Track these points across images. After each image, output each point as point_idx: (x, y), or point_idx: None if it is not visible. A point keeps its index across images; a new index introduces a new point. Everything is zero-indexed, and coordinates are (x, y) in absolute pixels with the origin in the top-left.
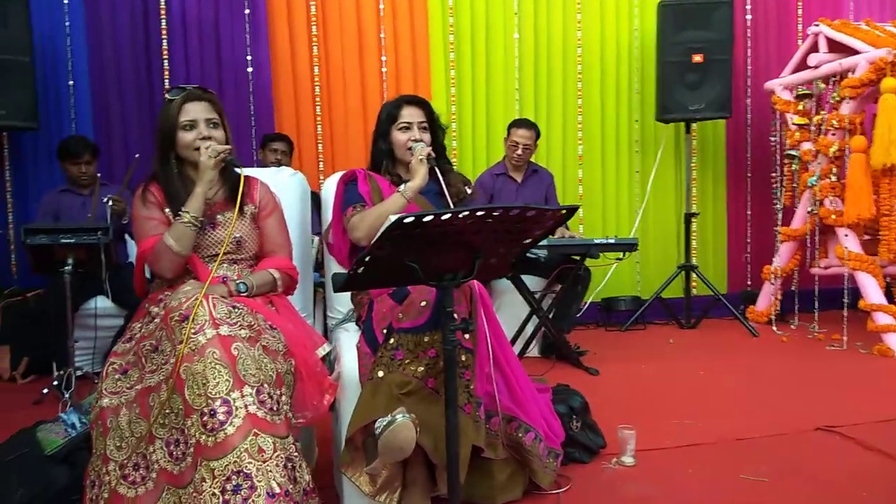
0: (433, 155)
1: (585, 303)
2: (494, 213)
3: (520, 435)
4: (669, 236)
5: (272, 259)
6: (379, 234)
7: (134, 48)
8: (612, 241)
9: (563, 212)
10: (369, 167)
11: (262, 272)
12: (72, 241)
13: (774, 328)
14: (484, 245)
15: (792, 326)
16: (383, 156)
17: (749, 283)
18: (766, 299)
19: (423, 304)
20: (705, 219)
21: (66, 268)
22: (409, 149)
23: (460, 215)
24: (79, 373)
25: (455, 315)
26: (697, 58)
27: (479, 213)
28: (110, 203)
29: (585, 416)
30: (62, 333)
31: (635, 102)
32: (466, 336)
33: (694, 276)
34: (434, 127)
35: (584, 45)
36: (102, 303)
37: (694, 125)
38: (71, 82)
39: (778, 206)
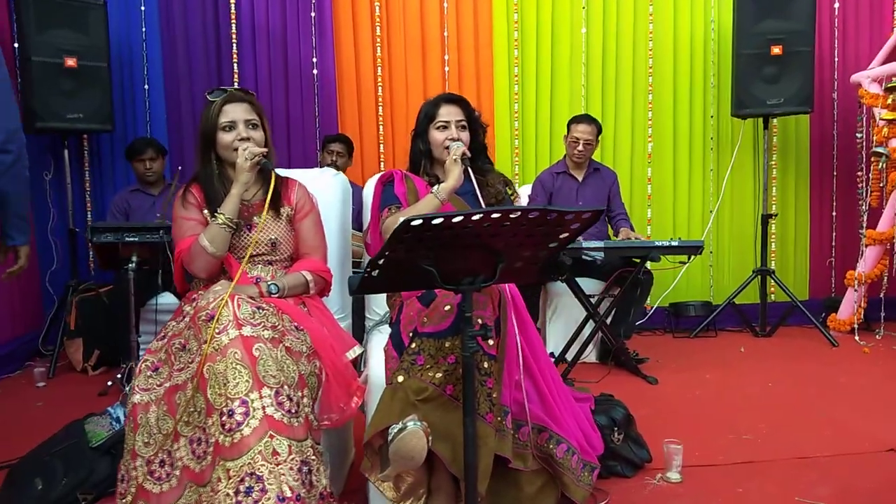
0: (468, 155)
1: (651, 307)
2: (511, 216)
3: (551, 446)
4: (745, 239)
5: (306, 261)
6: (389, 236)
7: (206, 53)
8: (675, 243)
9: (588, 214)
10: (408, 168)
11: (295, 274)
12: (135, 239)
13: (857, 338)
14: (505, 248)
15: (877, 337)
16: (421, 156)
17: (833, 289)
18: (849, 307)
19: (447, 308)
20: (785, 220)
21: (131, 265)
22: (447, 148)
23: (474, 217)
24: None
25: (479, 320)
26: (776, 49)
27: (494, 216)
28: None
29: (628, 429)
30: (126, 328)
31: (710, 97)
32: (490, 342)
33: (771, 281)
34: (474, 125)
35: (655, 38)
36: (166, 299)
37: (774, 121)
38: (146, 86)
39: (864, 207)
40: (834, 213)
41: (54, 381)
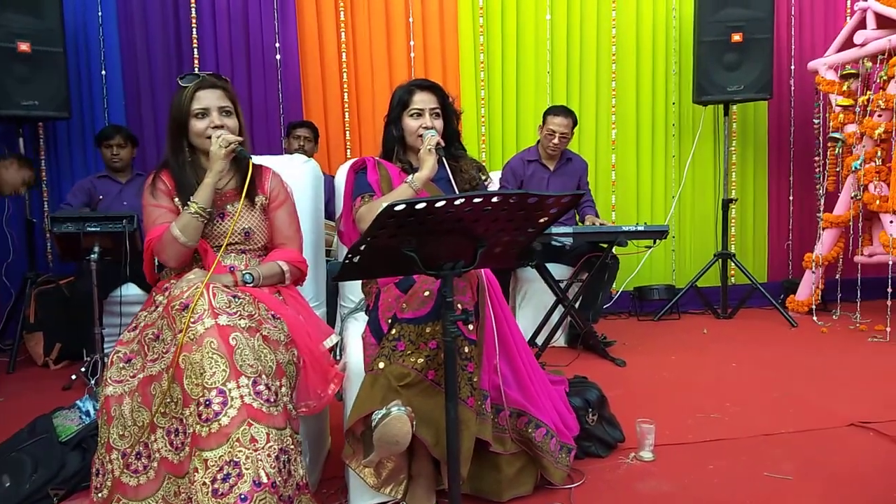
0: (442, 144)
1: (616, 292)
2: (493, 201)
3: (530, 430)
4: (707, 223)
5: (281, 251)
6: (371, 221)
7: (165, 37)
8: (641, 228)
9: (568, 198)
10: (381, 154)
11: (271, 263)
12: (97, 229)
13: (815, 319)
14: (486, 233)
15: (833, 317)
16: (394, 142)
17: (790, 272)
18: (808, 289)
19: (427, 294)
20: (745, 205)
21: (93, 255)
22: (420, 136)
23: (456, 202)
24: (107, 359)
25: (459, 305)
26: (737, 37)
27: (476, 201)
28: None
29: (602, 409)
30: (90, 320)
31: (672, 84)
32: (470, 327)
33: (732, 264)
34: (447, 112)
35: (618, 25)
36: (130, 290)
37: (733, 107)
38: (103, 72)
39: (821, 191)
40: (791, 198)
41: (14, 376)
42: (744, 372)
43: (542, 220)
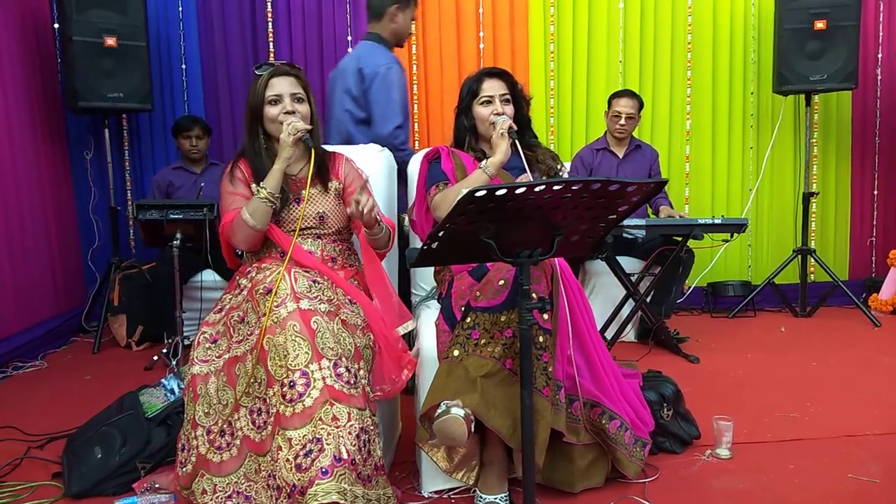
0: (514, 128)
1: (689, 287)
2: (573, 188)
3: (604, 422)
4: (786, 218)
5: None
6: (451, 208)
7: (241, 31)
8: (717, 221)
9: (650, 186)
10: (453, 144)
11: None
12: (180, 216)
13: None
14: (564, 221)
15: None
16: (466, 132)
17: (874, 269)
18: (892, 287)
19: (502, 282)
20: (826, 199)
21: (175, 242)
22: (492, 124)
23: (536, 189)
24: (186, 342)
25: (533, 294)
26: (820, 24)
27: (556, 188)
28: None
29: (678, 405)
30: (171, 304)
31: (750, 73)
32: (545, 316)
33: (812, 260)
34: (517, 98)
35: (694, 13)
36: (208, 276)
37: (816, 97)
38: (184, 66)
39: None
40: (876, 192)
41: (99, 356)
42: (825, 371)
43: (622, 209)
